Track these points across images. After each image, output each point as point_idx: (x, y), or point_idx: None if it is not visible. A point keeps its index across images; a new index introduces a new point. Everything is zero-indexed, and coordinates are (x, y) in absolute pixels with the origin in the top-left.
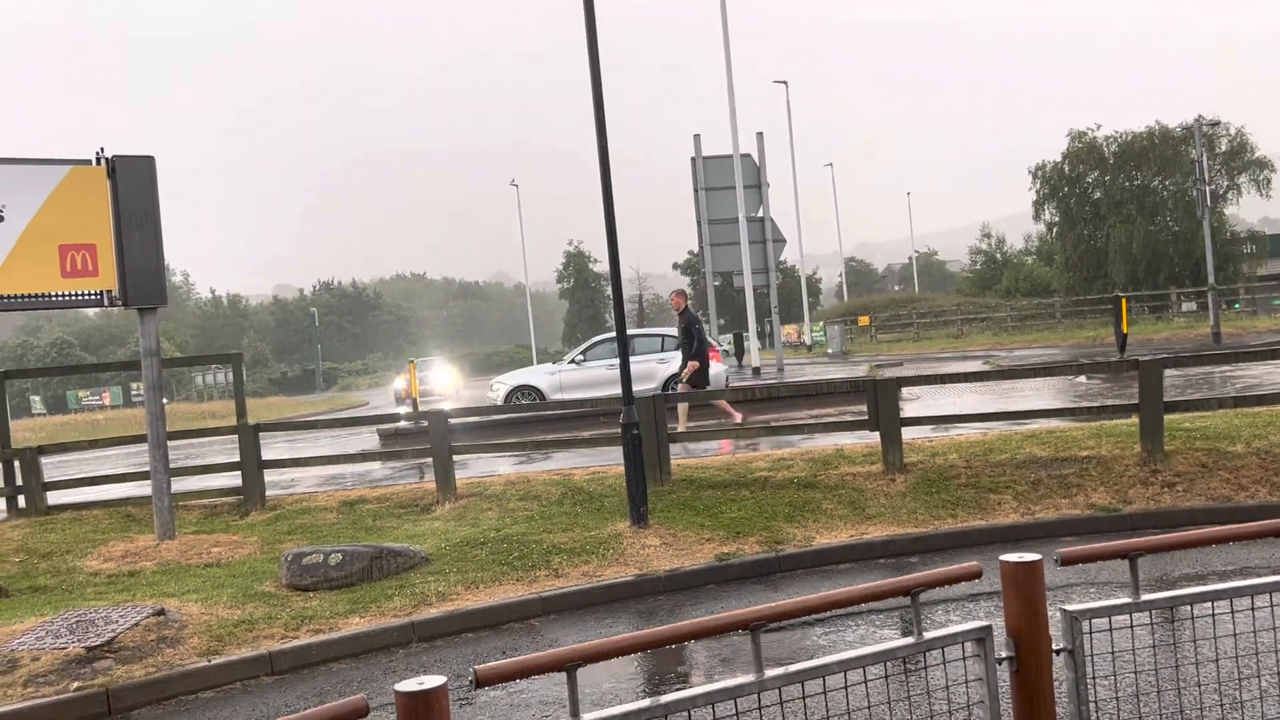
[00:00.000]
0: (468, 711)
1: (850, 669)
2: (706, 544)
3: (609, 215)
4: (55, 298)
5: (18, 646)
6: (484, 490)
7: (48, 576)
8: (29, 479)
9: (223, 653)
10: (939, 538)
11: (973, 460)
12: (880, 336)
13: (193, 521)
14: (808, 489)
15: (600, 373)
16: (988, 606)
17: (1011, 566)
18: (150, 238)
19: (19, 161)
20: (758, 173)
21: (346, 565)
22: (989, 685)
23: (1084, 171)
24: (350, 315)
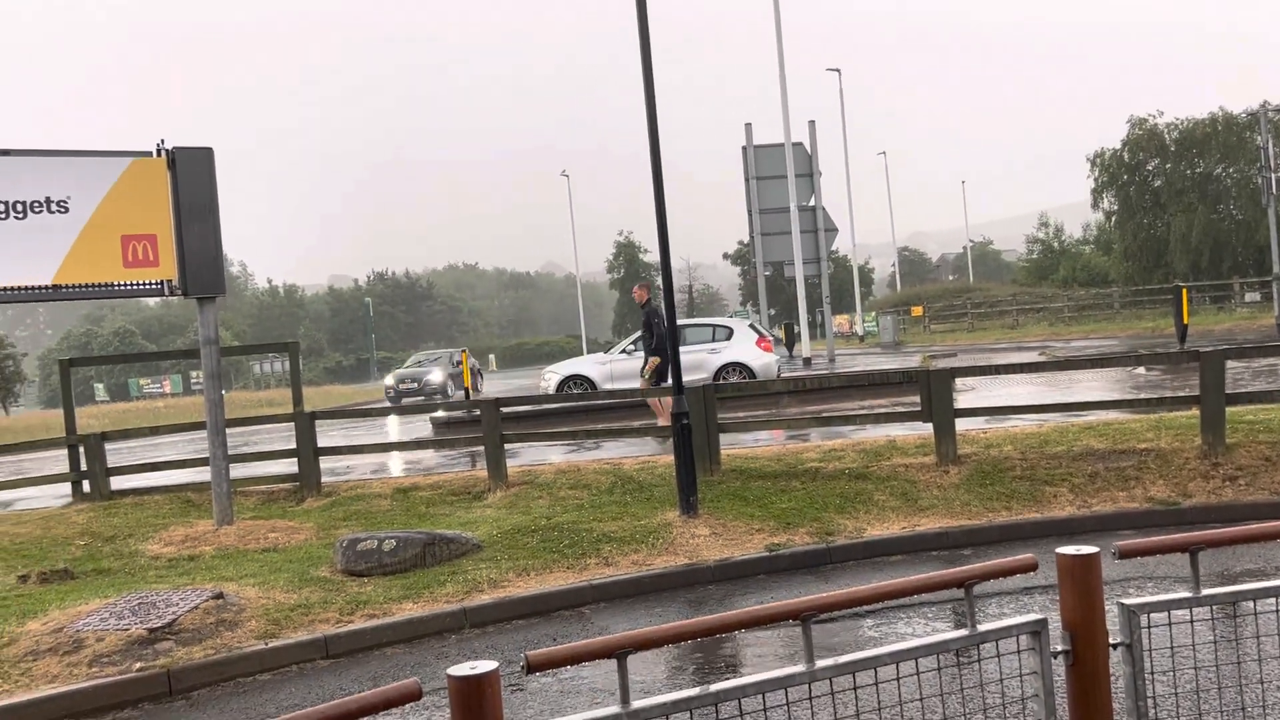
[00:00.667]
0: (519, 697)
1: (902, 660)
2: (756, 534)
3: (659, 205)
4: (117, 287)
5: (83, 627)
6: (535, 478)
7: (111, 559)
8: (93, 464)
9: (279, 636)
10: (993, 530)
11: (1028, 452)
12: (934, 327)
13: (250, 507)
14: (859, 480)
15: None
16: (1043, 600)
17: (1068, 559)
18: (209, 228)
19: (83, 154)
20: (809, 161)
21: (400, 551)
22: (1044, 679)
23: (1144, 159)
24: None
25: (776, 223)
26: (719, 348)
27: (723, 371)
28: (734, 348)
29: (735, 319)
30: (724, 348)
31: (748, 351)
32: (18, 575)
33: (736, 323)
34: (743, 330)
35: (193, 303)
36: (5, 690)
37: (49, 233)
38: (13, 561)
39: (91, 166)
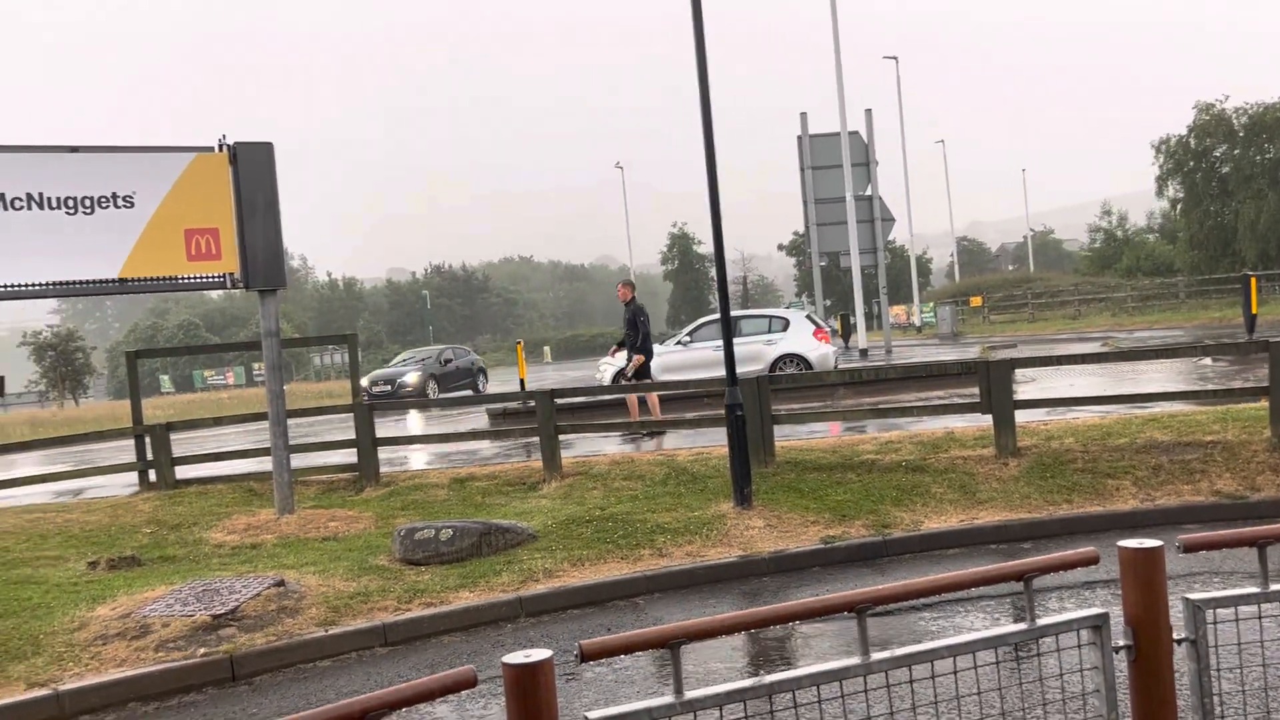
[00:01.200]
0: (573, 686)
1: (959, 654)
2: (811, 526)
3: (713, 196)
4: (181, 280)
5: (150, 613)
6: (589, 469)
7: (176, 547)
8: (159, 454)
9: (339, 623)
10: (1053, 524)
11: (1090, 444)
12: (993, 317)
13: (311, 496)
14: (916, 472)
15: (706, 353)
16: (1104, 595)
17: (1130, 553)
18: (270, 222)
19: (148, 150)
20: (866, 150)
21: (457, 541)
22: (1105, 674)
23: (1211, 145)
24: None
25: (832, 213)
26: (775, 339)
27: (779, 363)
28: (790, 339)
29: (792, 310)
30: (780, 339)
31: (804, 342)
32: (88, 562)
33: (793, 314)
34: (799, 321)
35: (254, 295)
36: (76, 673)
37: (115, 227)
38: (83, 548)
39: (156, 162)
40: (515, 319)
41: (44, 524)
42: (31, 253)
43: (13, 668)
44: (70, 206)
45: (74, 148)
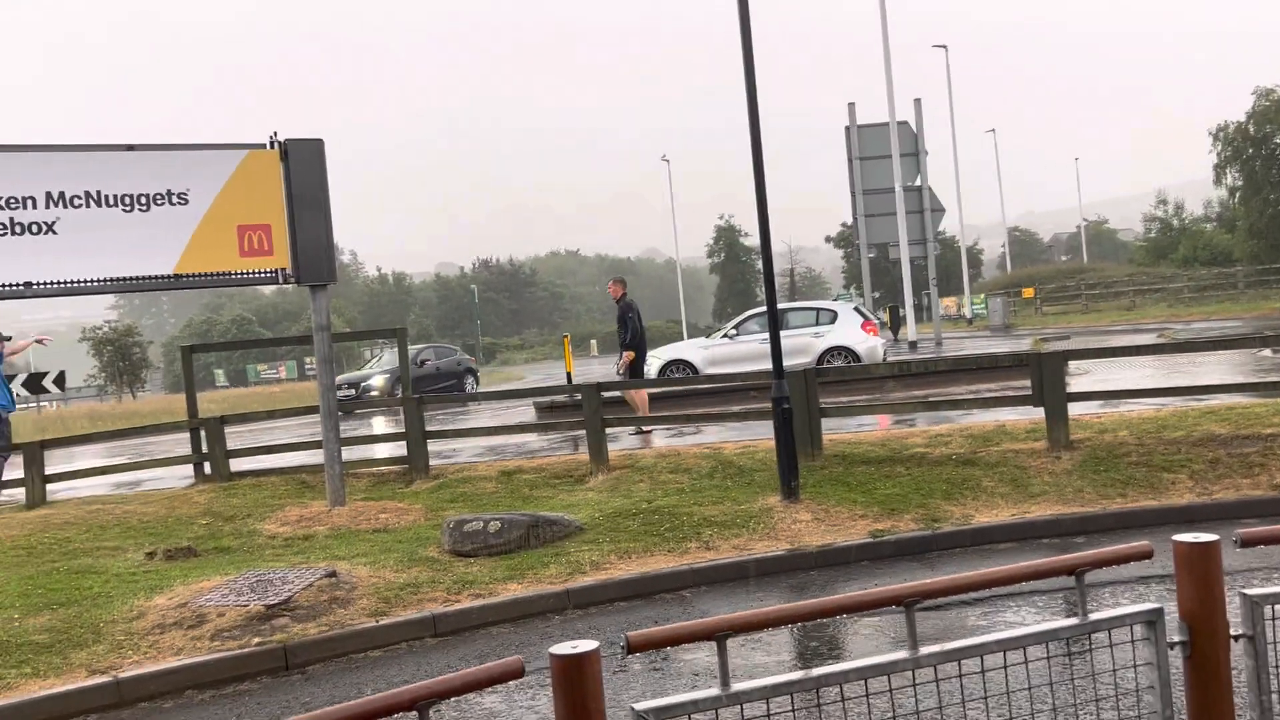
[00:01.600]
0: (621, 678)
1: (1010, 648)
2: (860, 520)
3: (759, 188)
4: (234, 276)
5: (205, 603)
6: (636, 462)
7: (231, 538)
8: (214, 447)
9: (390, 614)
10: (1107, 518)
11: (1145, 437)
12: (1046, 309)
13: (362, 489)
14: (967, 466)
15: (752, 346)
16: (1159, 590)
17: (1186, 547)
18: (320, 217)
19: (201, 148)
20: (915, 140)
21: (505, 533)
22: (1159, 670)
23: (1271, 131)
24: (508, 292)
25: (881, 204)
26: (823, 331)
27: (827, 355)
28: (838, 331)
29: (840, 302)
30: (828, 331)
31: (852, 335)
32: (145, 552)
33: (841, 306)
34: (847, 313)
35: (305, 290)
36: (135, 661)
37: (170, 224)
38: (141, 539)
39: (209, 160)
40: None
41: (103, 515)
42: (90, 249)
43: (75, 655)
44: (127, 204)
45: (130, 146)
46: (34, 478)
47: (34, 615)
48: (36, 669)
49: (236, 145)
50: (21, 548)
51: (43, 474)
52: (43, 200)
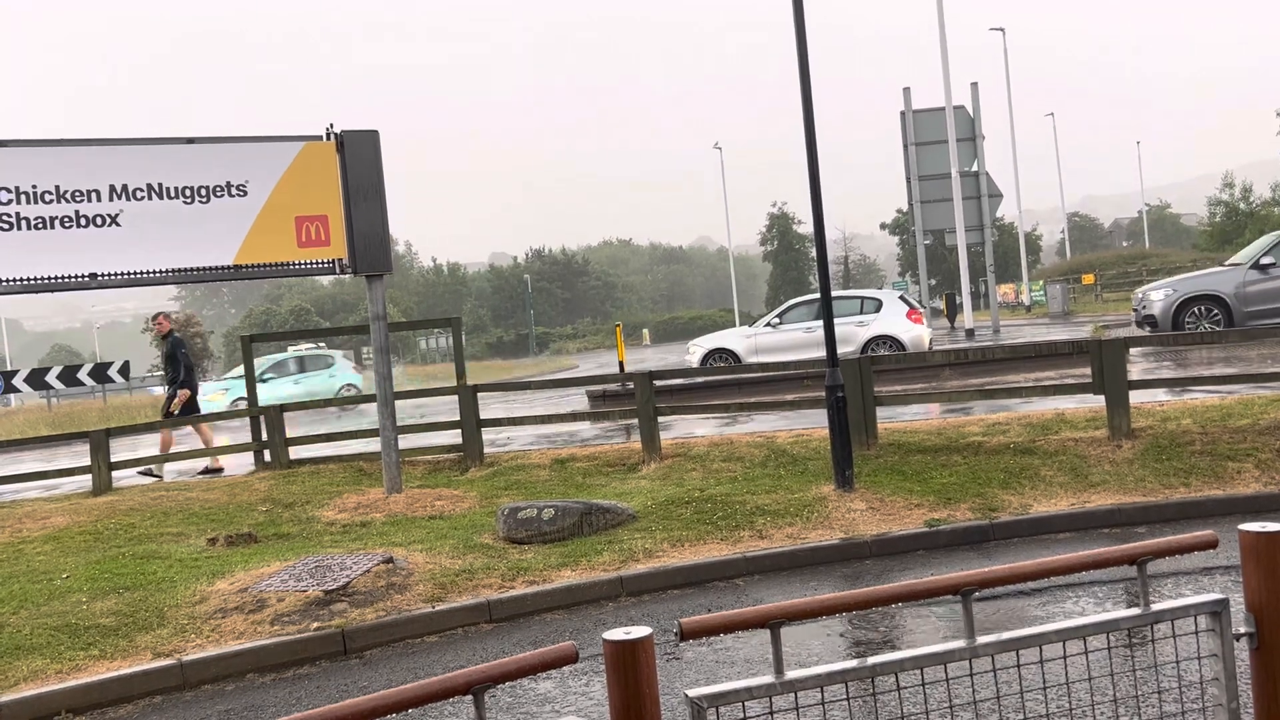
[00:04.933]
0: (674, 666)
1: (1069, 639)
2: (915, 509)
3: (813, 174)
4: (292, 266)
5: (265, 588)
6: (688, 451)
7: (290, 525)
8: (273, 435)
9: (445, 600)
10: (1170, 507)
11: (1209, 425)
12: (1106, 295)
13: (418, 476)
14: (1024, 455)
15: (796, 335)
16: (1224, 581)
17: (1252, 536)
18: (376, 208)
19: (260, 139)
20: (972, 125)
21: (558, 520)
22: (1224, 662)
23: None
24: (560, 281)
25: (937, 189)
26: (867, 320)
27: (871, 344)
28: (882, 320)
29: (885, 291)
30: (872, 320)
31: (897, 324)
32: (207, 538)
33: (886, 294)
34: (892, 302)
35: (362, 281)
36: (198, 644)
37: (230, 216)
38: (203, 525)
39: (267, 152)
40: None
41: (166, 501)
42: (152, 241)
43: (140, 638)
44: (187, 196)
45: (190, 139)
46: (100, 465)
47: (101, 599)
48: (104, 651)
49: (293, 137)
50: (89, 533)
51: (109, 461)
52: (106, 193)
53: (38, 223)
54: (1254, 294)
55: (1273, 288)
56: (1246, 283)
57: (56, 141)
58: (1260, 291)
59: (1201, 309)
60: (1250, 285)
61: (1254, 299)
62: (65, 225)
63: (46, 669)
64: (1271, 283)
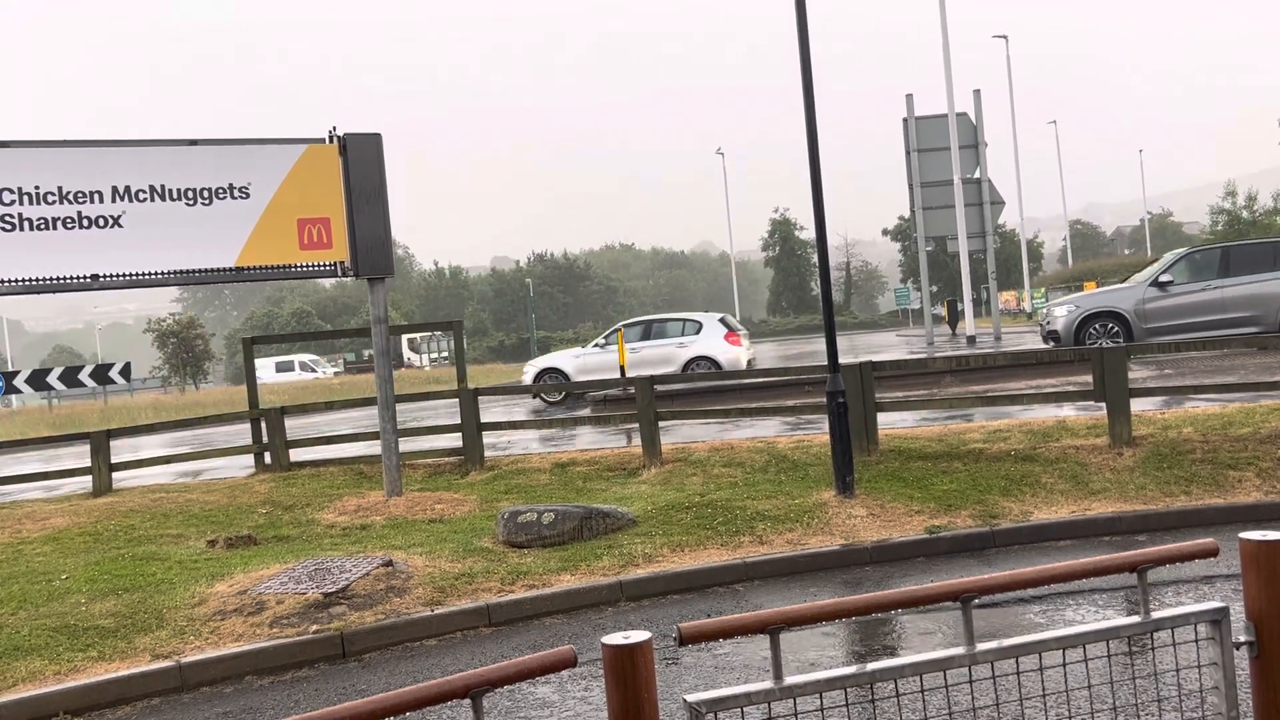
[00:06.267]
0: (673, 670)
1: (1069, 646)
2: (915, 516)
3: (815, 181)
4: (294, 269)
5: (264, 590)
6: (688, 456)
7: (290, 527)
8: (274, 437)
9: (445, 603)
10: (1170, 516)
11: (1210, 434)
12: None
13: (418, 479)
14: (1025, 462)
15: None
16: (1224, 590)
17: (1253, 545)
18: (378, 211)
19: (262, 141)
20: (974, 132)
21: (558, 524)
22: (1225, 671)
23: None
24: (562, 285)
25: (939, 196)
26: (687, 341)
27: (690, 364)
28: (702, 341)
29: (706, 314)
30: (692, 341)
31: (715, 345)
32: (207, 540)
33: (706, 317)
34: (712, 325)
35: (364, 284)
36: (197, 646)
37: (232, 218)
38: (202, 527)
39: (270, 154)
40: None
41: (166, 503)
42: (154, 243)
43: (139, 639)
44: (190, 198)
45: (193, 141)
46: (100, 466)
47: (100, 600)
48: (102, 652)
49: (296, 139)
50: (89, 534)
51: (109, 462)
52: (108, 194)
53: (40, 223)
54: (1152, 311)
55: (1170, 305)
56: (1145, 300)
57: (59, 143)
58: (1158, 309)
59: (1102, 325)
60: (1149, 303)
61: (1152, 316)
62: (68, 226)
63: (44, 670)
64: (1169, 300)
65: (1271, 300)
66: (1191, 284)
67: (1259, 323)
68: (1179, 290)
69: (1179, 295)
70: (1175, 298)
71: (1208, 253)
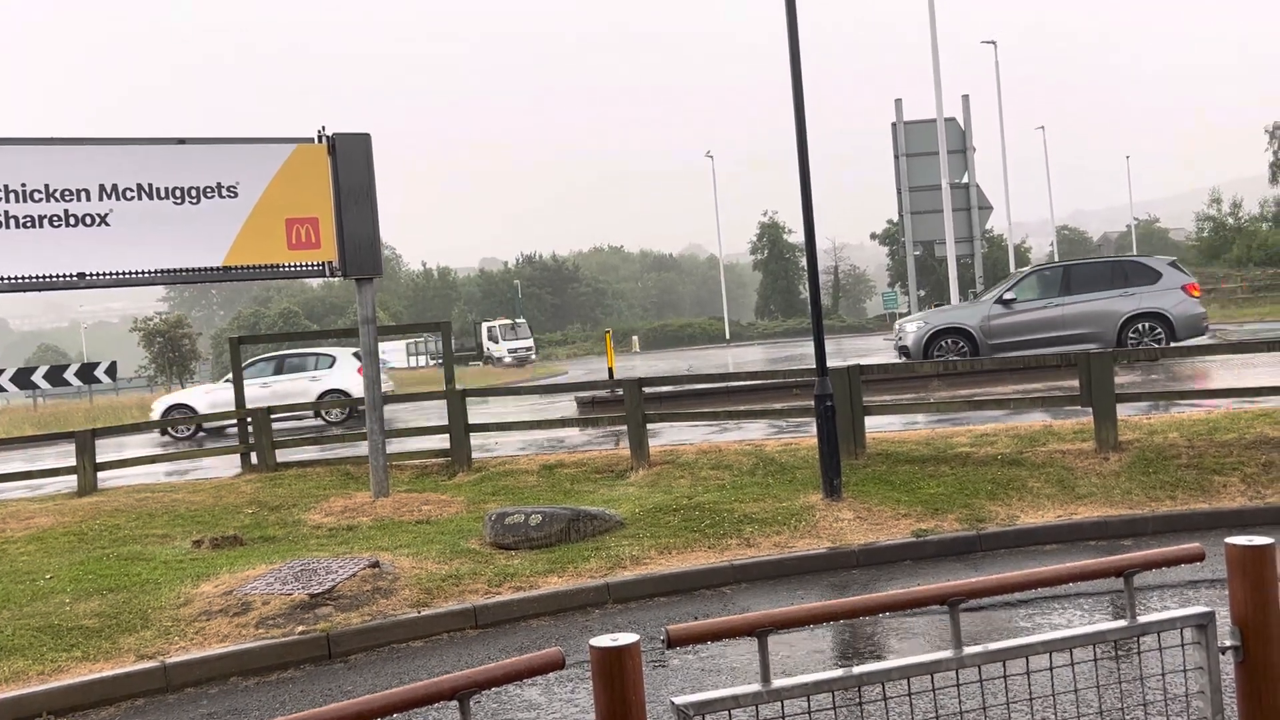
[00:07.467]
0: (660, 673)
1: (1056, 650)
2: (903, 519)
3: (804, 184)
4: (282, 268)
5: (250, 591)
6: (676, 458)
7: (276, 528)
8: (260, 438)
9: (431, 605)
10: (1156, 520)
11: (1195, 439)
12: None
13: (405, 480)
14: (1012, 466)
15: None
16: (1209, 595)
17: (1239, 550)
18: (367, 211)
19: (251, 141)
20: (963, 137)
21: (546, 526)
22: (1210, 675)
23: None
24: (550, 287)
25: (927, 201)
26: (320, 375)
27: (324, 396)
28: (335, 375)
29: (339, 348)
30: (325, 375)
31: (349, 379)
32: (192, 540)
33: (339, 351)
34: (345, 358)
35: (352, 284)
36: (181, 647)
37: (220, 217)
38: (188, 527)
39: (259, 153)
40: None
41: (152, 503)
42: (141, 241)
43: (124, 640)
44: (178, 196)
45: (181, 139)
46: (85, 465)
47: (84, 600)
48: (86, 653)
49: (285, 139)
50: (73, 534)
51: (94, 462)
52: (96, 192)
53: (26, 221)
54: (996, 327)
55: (1013, 321)
56: (991, 317)
57: (46, 140)
58: (1002, 325)
59: (950, 341)
60: (994, 319)
61: (996, 332)
62: (54, 224)
63: (28, 670)
64: (1013, 317)
65: (1108, 318)
66: (1035, 302)
67: (1098, 339)
68: (1023, 307)
69: (1022, 312)
70: (1019, 315)
71: (1051, 271)
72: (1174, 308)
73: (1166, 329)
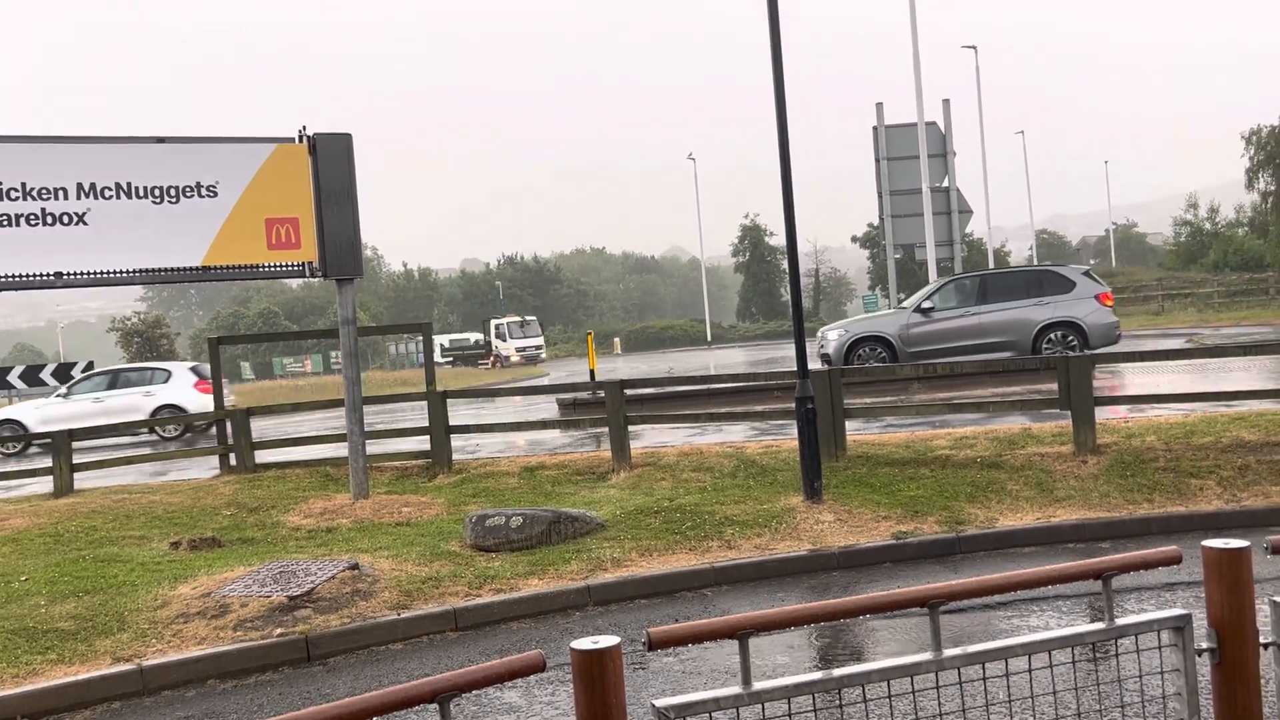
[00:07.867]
0: (641, 675)
1: (1035, 652)
2: (883, 522)
3: (786, 187)
4: (261, 268)
5: (229, 593)
6: (658, 460)
7: (255, 529)
8: (239, 439)
9: (411, 607)
10: (1133, 523)
11: (1172, 443)
12: None
13: (385, 482)
14: (992, 469)
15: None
16: (1186, 597)
17: (1215, 553)
18: (348, 211)
19: (231, 140)
20: (943, 141)
21: (527, 528)
22: (1187, 677)
23: None
24: (532, 289)
25: (908, 204)
26: (155, 390)
27: (157, 413)
28: (170, 390)
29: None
30: (160, 390)
31: (184, 394)
32: (170, 542)
33: (176, 366)
34: (181, 373)
35: (332, 284)
36: (159, 649)
37: (199, 217)
38: (166, 529)
39: (239, 153)
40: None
41: (129, 504)
42: (120, 241)
43: (100, 642)
44: (157, 196)
45: (160, 138)
46: (62, 466)
47: (60, 602)
48: (62, 655)
49: (265, 139)
50: (49, 535)
51: (70, 463)
52: (74, 191)
53: (2, 220)
54: (915, 335)
55: (932, 330)
56: (909, 325)
57: (24, 138)
58: (921, 334)
59: (870, 349)
60: (913, 328)
61: (915, 340)
62: (31, 223)
63: (2, 673)
64: (930, 325)
65: (1024, 326)
66: (952, 310)
67: (1013, 347)
68: (941, 316)
69: (941, 321)
70: (937, 323)
71: (969, 281)
72: (1087, 317)
73: (1080, 338)
